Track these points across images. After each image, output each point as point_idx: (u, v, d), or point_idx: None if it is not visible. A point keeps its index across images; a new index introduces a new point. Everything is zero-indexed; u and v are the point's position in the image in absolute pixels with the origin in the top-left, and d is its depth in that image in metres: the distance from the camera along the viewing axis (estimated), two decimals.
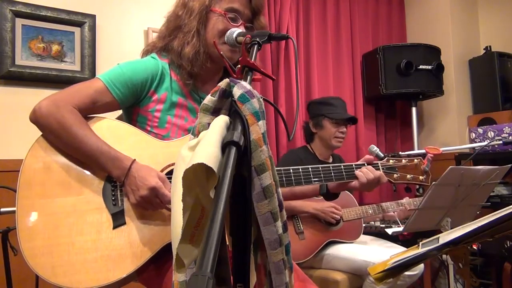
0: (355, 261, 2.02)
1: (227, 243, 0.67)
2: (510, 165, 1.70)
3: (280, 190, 0.70)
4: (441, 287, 2.81)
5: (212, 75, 1.31)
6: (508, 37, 3.41)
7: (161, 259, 1.12)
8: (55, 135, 1.09)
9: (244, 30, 1.18)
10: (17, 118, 2.02)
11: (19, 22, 2.06)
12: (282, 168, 1.24)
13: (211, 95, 0.72)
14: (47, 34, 2.13)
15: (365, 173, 1.31)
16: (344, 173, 1.31)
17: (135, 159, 1.09)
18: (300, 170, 1.25)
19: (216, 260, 0.44)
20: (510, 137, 2.74)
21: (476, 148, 2.29)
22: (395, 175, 1.38)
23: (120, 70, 1.18)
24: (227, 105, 0.71)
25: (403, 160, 1.40)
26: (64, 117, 1.08)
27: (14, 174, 1.16)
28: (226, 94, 0.71)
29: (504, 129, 2.83)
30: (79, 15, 2.20)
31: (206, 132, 0.64)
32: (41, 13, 2.10)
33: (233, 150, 0.58)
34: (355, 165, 1.34)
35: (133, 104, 1.22)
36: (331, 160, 2.40)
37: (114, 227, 1.06)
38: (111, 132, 1.15)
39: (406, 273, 1.97)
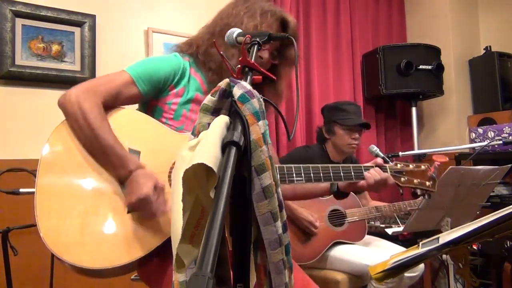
0: (356, 264, 2.01)
1: (227, 243, 0.67)
2: (510, 165, 1.70)
3: (280, 190, 0.70)
4: (441, 287, 2.81)
5: None
6: (508, 37, 3.41)
7: (163, 257, 1.12)
8: (77, 124, 1.13)
9: (268, 56, 1.29)
10: (17, 118, 2.02)
11: (19, 22, 2.06)
12: (293, 165, 1.26)
13: (211, 95, 0.72)
14: (47, 34, 2.13)
15: (373, 174, 1.35)
16: (353, 173, 1.34)
17: (140, 168, 1.11)
18: (311, 168, 1.27)
19: (216, 260, 0.44)
20: (510, 137, 2.74)
21: (476, 148, 2.29)
22: (402, 179, 1.40)
23: (146, 64, 1.26)
24: (227, 105, 0.71)
25: (411, 166, 1.42)
26: (89, 109, 1.12)
27: (14, 174, 1.16)
28: (226, 94, 0.71)
29: (504, 129, 2.83)
30: (79, 15, 2.20)
31: (206, 132, 0.64)
32: (41, 13, 2.10)
33: (233, 150, 0.58)
34: (364, 166, 1.37)
35: (151, 99, 1.28)
36: (342, 162, 2.36)
37: (129, 211, 1.08)
38: (131, 121, 1.21)
39: (406, 274, 1.97)
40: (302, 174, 1.27)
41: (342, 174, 1.33)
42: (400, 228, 2.24)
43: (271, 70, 1.31)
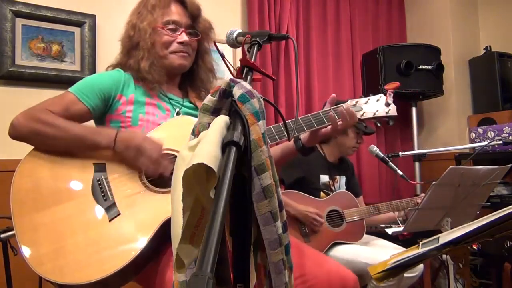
0: (356, 264, 2.01)
1: (227, 243, 0.67)
2: (510, 165, 1.70)
3: (280, 190, 0.70)
4: (441, 287, 2.80)
5: (172, 79, 1.44)
6: (508, 37, 3.41)
7: (160, 258, 1.12)
8: (41, 134, 1.17)
9: (187, 38, 1.34)
10: None
11: (19, 22, 2.06)
12: None
13: (211, 95, 0.72)
14: (47, 34, 2.13)
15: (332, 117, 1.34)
16: (313, 120, 1.34)
17: (119, 130, 1.21)
18: (273, 129, 1.28)
19: (216, 260, 0.44)
20: (510, 137, 2.73)
21: (476, 148, 2.29)
22: (361, 112, 1.44)
23: (87, 80, 1.32)
24: (227, 105, 0.71)
25: (365, 99, 1.49)
26: (44, 117, 1.19)
27: (13, 174, 1.17)
28: (226, 94, 0.71)
29: (504, 129, 2.83)
30: (79, 15, 2.20)
31: (206, 132, 0.64)
32: (41, 13, 2.10)
33: (233, 150, 0.59)
34: (322, 112, 1.37)
35: (104, 112, 1.32)
36: (338, 162, 2.38)
37: (110, 220, 1.10)
38: None
39: (406, 274, 1.97)
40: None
41: (303, 124, 1.33)
42: (400, 228, 2.24)
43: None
